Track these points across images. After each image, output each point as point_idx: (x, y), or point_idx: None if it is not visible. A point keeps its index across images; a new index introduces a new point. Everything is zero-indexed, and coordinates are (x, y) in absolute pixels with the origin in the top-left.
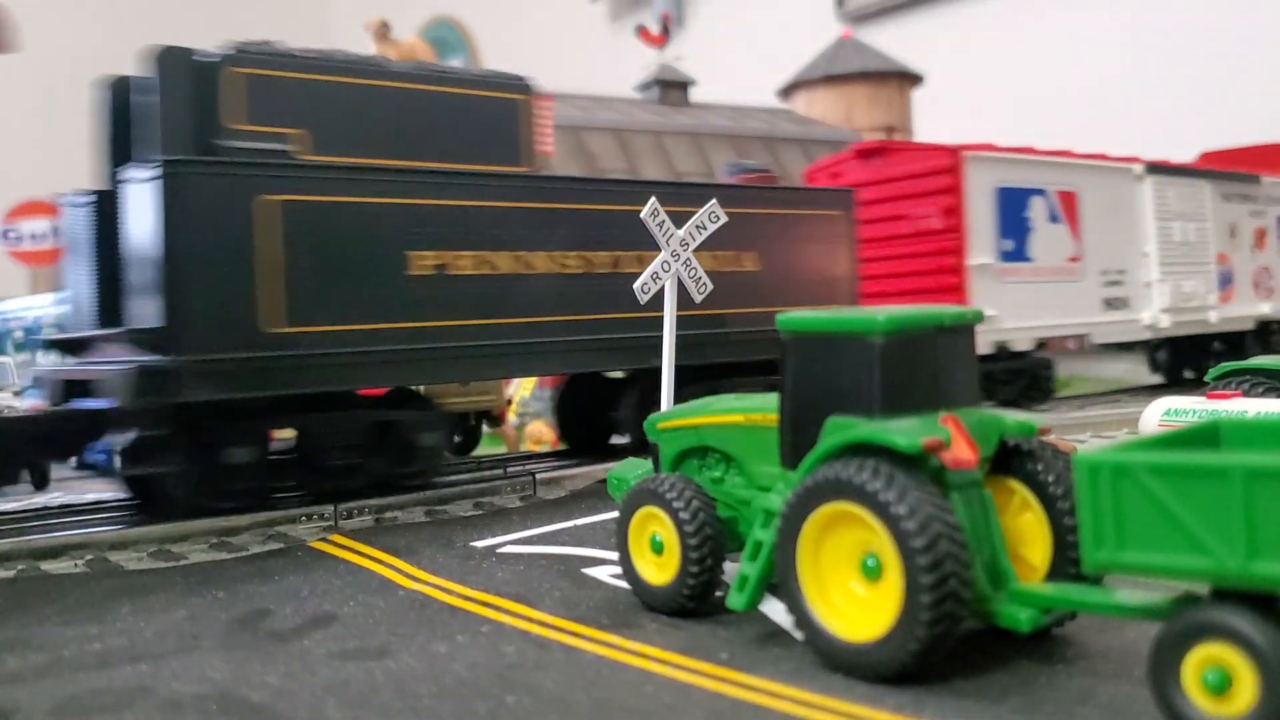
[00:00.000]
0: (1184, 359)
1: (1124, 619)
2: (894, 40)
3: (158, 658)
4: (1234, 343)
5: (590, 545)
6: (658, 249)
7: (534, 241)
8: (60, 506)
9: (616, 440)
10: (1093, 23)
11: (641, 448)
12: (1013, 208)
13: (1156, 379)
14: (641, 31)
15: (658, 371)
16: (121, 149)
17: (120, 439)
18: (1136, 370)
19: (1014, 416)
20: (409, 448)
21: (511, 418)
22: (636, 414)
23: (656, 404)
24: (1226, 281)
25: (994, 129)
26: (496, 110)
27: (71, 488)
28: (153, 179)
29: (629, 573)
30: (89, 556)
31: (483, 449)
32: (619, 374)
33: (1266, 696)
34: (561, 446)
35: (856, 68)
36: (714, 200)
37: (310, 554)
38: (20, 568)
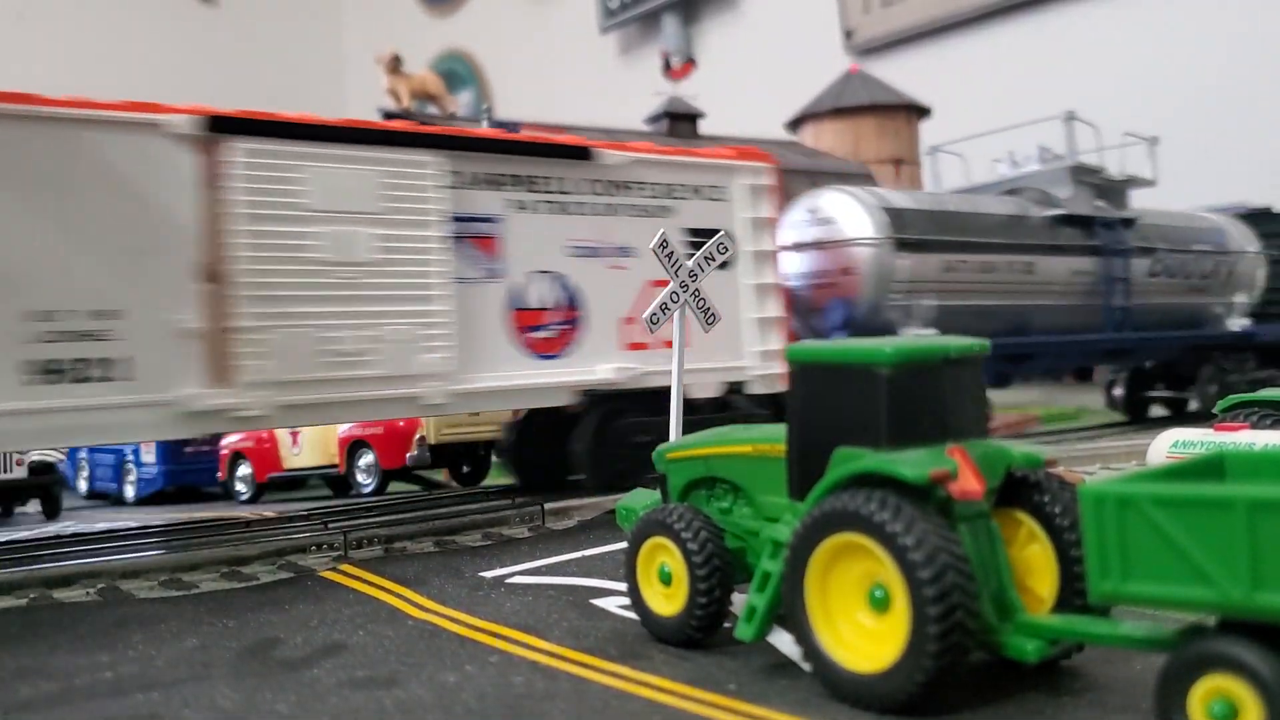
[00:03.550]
0: None
1: (1131, 650)
2: (902, 73)
3: (169, 686)
4: None
5: (598, 576)
6: None
7: None
8: (72, 535)
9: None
10: (1101, 54)
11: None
12: None
13: None
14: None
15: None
16: None
17: None
18: None
19: (1021, 448)
20: None
21: None
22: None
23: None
24: None
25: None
26: None
27: (83, 517)
28: None
29: (637, 604)
30: (101, 585)
31: (491, 479)
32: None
33: None
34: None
35: (864, 100)
36: (723, 231)
37: (320, 583)
38: (32, 596)
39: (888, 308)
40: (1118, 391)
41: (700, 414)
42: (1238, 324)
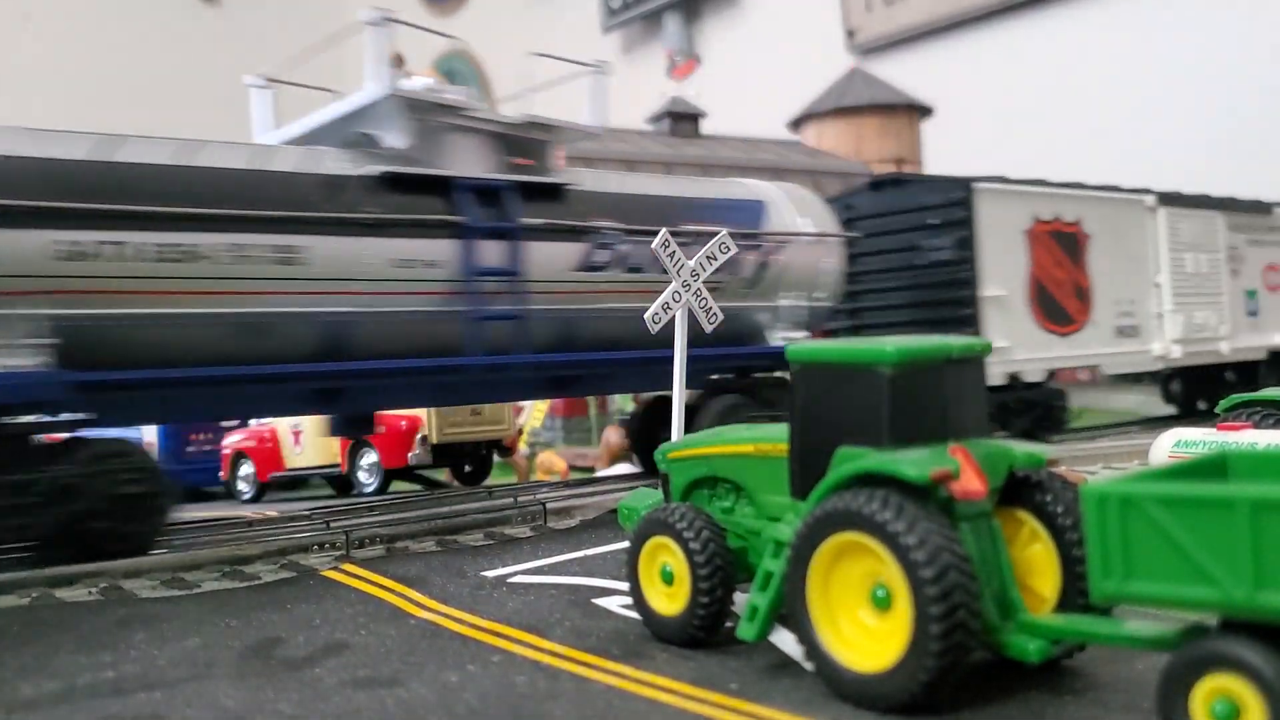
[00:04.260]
0: (1197, 390)
1: (1133, 650)
2: (904, 72)
3: (171, 685)
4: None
5: (600, 575)
6: None
7: None
8: None
9: None
10: (1103, 54)
11: None
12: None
13: (1169, 410)
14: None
15: None
16: None
17: None
18: (1148, 402)
19: (1023, 448)
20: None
21: (522, 447)
22: None
23: None
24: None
25: (1005, 159)
26: None
27: None
28: None
29: (639, 603)
30: (103, 584)
31: (494, 479)
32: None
33: None
34: (572, 476)
35: (866, 99)
36: (724, 230)
37: (322, 583)
38: (35, 595)
39: None
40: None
41: None
42: (783, 336)
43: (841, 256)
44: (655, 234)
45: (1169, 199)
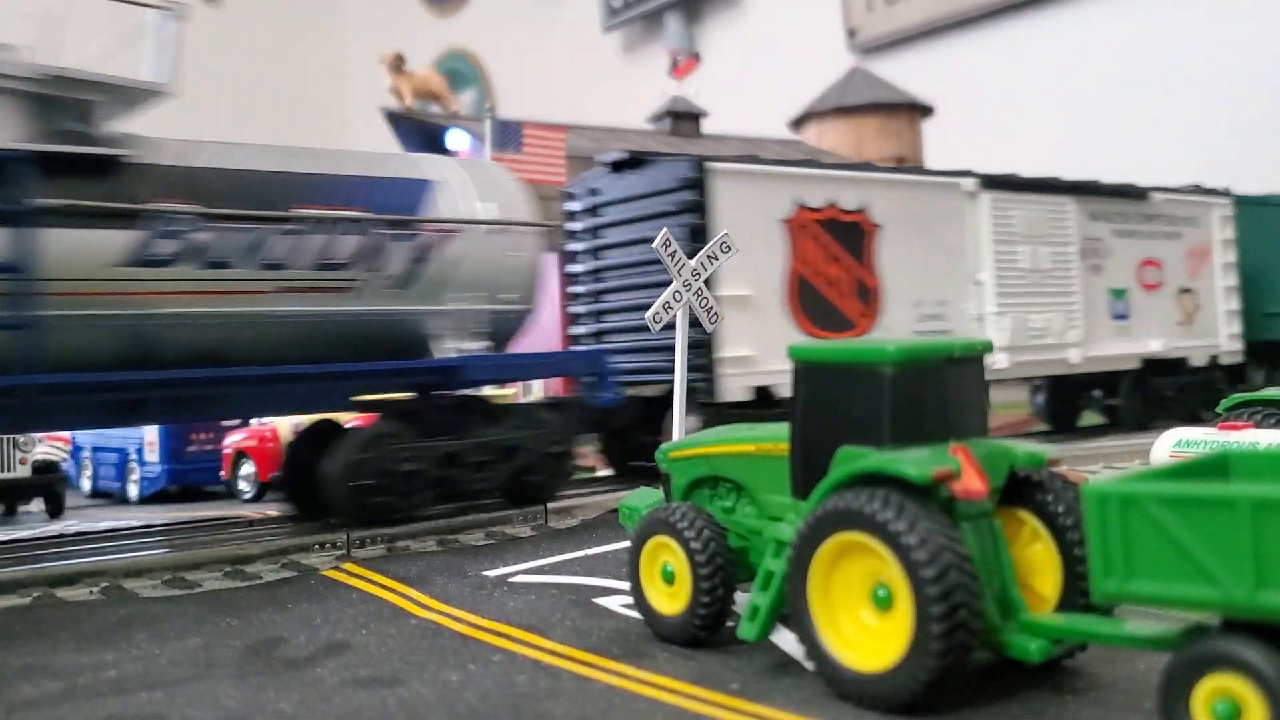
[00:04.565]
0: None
1: (1134, 650)
2: (905, 72)
3: (172, 685)
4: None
5: (601, 575)
6: None
7: None
8: (75, 534)
9: None
10: (1104, 54)
11: None
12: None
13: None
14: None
15: None
16: None
17: None
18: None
19: (1024, 447)
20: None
21: None
22: None
23: None
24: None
25: (1007, 159)
26: None
27: (86, 515)
28: None
29: (640, 602)
30: (104, 584)
31: None
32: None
33: None
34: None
35: (867, 99)
36: (725, 231)
37: (323, 582)
38: (36, 595)
39: None
40: None
41: None
42: (456, 347)
43: (540, 250)
44: (247, 220)
45: (995, 182)
